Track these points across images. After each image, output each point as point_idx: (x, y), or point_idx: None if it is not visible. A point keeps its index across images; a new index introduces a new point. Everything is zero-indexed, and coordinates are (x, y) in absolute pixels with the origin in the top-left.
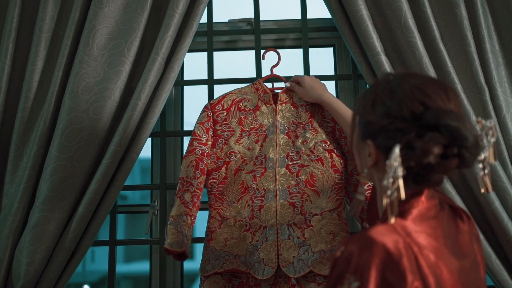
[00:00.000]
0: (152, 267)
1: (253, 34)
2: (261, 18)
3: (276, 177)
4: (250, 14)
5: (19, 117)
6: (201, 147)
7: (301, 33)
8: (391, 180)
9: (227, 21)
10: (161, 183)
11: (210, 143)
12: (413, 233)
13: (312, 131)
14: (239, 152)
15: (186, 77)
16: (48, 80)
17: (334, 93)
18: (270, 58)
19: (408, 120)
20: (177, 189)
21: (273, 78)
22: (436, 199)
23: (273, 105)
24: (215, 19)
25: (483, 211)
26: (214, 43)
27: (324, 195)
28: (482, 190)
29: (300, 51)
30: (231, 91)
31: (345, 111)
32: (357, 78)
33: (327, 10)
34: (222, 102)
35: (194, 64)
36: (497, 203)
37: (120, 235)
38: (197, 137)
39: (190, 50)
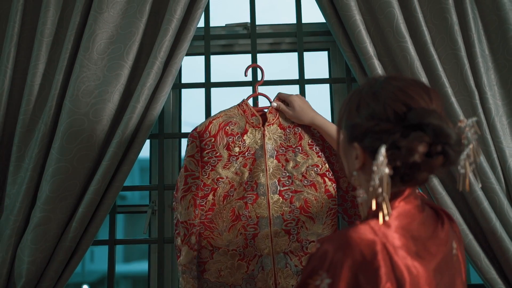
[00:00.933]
0: (151, 266)
1: (250, 38)
2: (257, 23)
3: (269, 204)
4: (247, 19)
5: (21, 120)
6: (196, 181)
7: (296, 38)
8: (377, 180)
9: (224, 25)
10: (159, 183)
11: None
12: (390, 234)
13: (303, 155)
14: (227, 177)
15: (184, 80)
16: (49, 83)
17: (328, 96)
18: (264, 64)
19: (392, 121)
20: (182, 234)
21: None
22: (418, 200)
23: (262, 127)
24: (212, 24)
25: (472, 211)
26: (211, 47)
27: (320, 221)
28: (460, 188)
29: (295, 55)
30: (217, 115)
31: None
32: (350, 81)
33: (322, 15)
34: (209, 128)
35: (191, 67)
36: (485, 204)
37: (119, 235)
38: (190, 172)
39: (187, 54)
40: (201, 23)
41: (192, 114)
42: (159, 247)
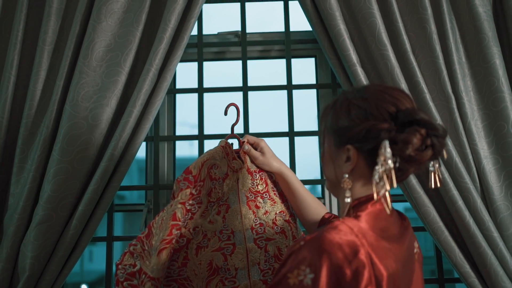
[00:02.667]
0: None
1: (240, 45)
2: (248, 31)
3: (247, 253)
4: (238, 27)
5: (24, 123)
6: (178, 233)
7: (284, 45)
8: (381, 172)
9: (216, 33)
10: (154, 183)
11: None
12: (368, 233)
13: (271, 201)
14: (201, 226)
15: (178, 85)
16: (51, 89)
17: (315, 101)
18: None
19: (387, 120)
20: None
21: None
22: None
23: (238, 171)
24: (205, 32)
25: (448, 210)
26: (204, 54)
27: None
28: (433, 186)
29: (284, 61)
30: (205, 156)
31: (300, 185)
32: (335, 87)
33: (309, 24)
34: (200, 173)
35: (185, 73)
36: (460, 202)
37: (118, 233)
38: (177, 223)
39: (181, 60)
40: (195, 31)
41: (186, 118)
42: None
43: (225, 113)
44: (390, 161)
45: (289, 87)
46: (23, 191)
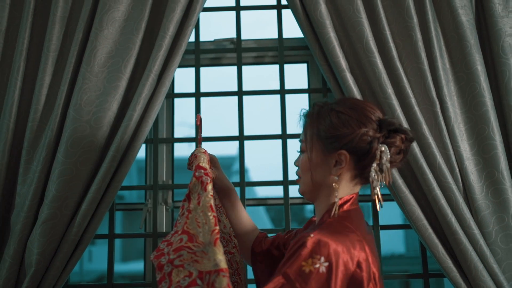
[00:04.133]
0: (146, 260)
1: (236, 52)
2: (243, 38)
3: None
4: (233, 34)
5: (30, 126)
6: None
7: (278, 51)
8: (375, 173)
9: (213, 40)
10: (153, 183)
11: None
12: (360, 229)
13: (224, 215)
14: None
15: (177, 90)
16: (55, 94)
17: (307, 105)
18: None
19: (375, 127)
20: None
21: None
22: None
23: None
24: (202, 39)
25: (431, 208)
26: (201, 60)
27: None
28: (387, 183)
29: (277, 67)
30: (203, 156)
31: (241, 204)
32: (326, 91)
33: (301, 31)
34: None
35: (183, 78)
36: (443, 201)
37: (117, 230)
38: (215, 214)
39: (179, 66)
40: (192, 38)
41: (184, 121)
42: (154, 241)
43: (197, 123)
44: (388, 162)
45: (282, 91)
46: (29, 191)
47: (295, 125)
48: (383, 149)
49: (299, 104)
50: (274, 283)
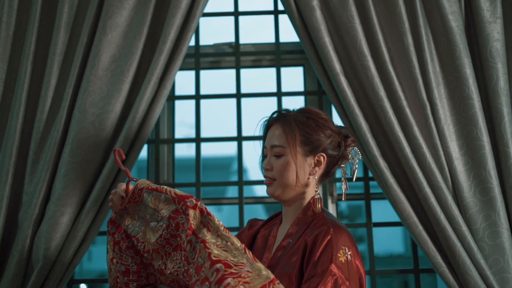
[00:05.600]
0: None
1: (234, 56)
2: (241, 42)
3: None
4: (232, 38)
5: (36, 127)
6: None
7: (275, 55)
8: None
9: (212, 44)
10: (155, 183)
11: None
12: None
13: None
14: None
15: (177, 92)
16: (60, 96)
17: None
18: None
19: (337, 132)
20: None
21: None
22: None
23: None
24: (201, 43)
25: (422, 206)
26: (200, 63)
27: None
28: (354, 179)
29: (274, 70)
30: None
31: None
32: (321, 94)
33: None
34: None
35: (184, 81)
36: (432, 199)
37: None
38: None
39: (180, 69)
40: (192, 42)
41: (184, 123)
42: None
43: (116, 159)
44: (357, 162)
45: (279, 94)
46: (36, 189)
47: None
48: (358, 151)
49: (295, 106)
50: (325, 280)
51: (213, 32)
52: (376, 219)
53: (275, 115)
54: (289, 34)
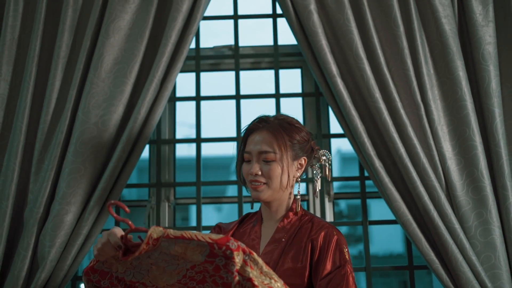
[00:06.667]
0: None
1: (234, 58)
2: (240, 44)
3: None
4: (232, 41)
5: (41, 128)
6: None
7: (273, 58)
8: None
9: (212, 47)
10: (157, 182)
11: None
12: None
13: None
14: None
15: (178, 94)
16: (64, 98)
17: (301, 108)
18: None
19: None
20: None
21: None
22: None
23: None
24: (202, 45)
25: (416, 204)
26: (201, 65)
27: None
28: (329, 178)
29: (272, 72)
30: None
31: None
32: (318, 95)
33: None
34: None
35: (184, 83)
36: (426, 198)
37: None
38: None
39: (181, 71)
40: (193, 45)
41: (185, 124)
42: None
43: (108, 210)
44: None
45: (278, 95)
46: (41, 188)
47: None
48: (324, 153)
49: (293, 107)
50: (342, 274)
51: (213, 35)
52: (376, 218)
53: (258, 122)
54: (287, 37)
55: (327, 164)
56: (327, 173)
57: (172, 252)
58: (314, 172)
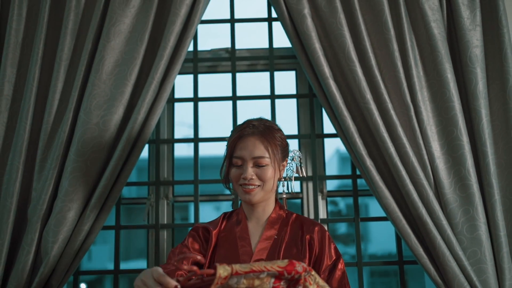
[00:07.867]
0: (149, 255)
1: (230, 60)
2: (237, 47)
3: None
4: (228, 44)
5: (44, 128)
6: None
7: (268, 60)
8: (291, 170)
9: (209, 49)
10: (156, 180)
11: None
12: None
13: None
14: None
15: (177, 95)
16: (67, 99)
17: (295, 109)
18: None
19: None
20: None
21: None
22: None
23: None
24: (199, 48)
25: (405, 201)
26: (198, 68)
27: None
28: (304, 175)
29: (268, 74)
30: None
31: None
32: (312, 97)
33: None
34: None
35: (182, 84)
36: (415, 195)
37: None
38: None
39: (179, 73)
40: (191, 48)
41: (183, 124)
42: (156, 232)
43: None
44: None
45: (273, 96)
46: (44, 186)
47: (284, 127)
48: (295, 152)
49: (288, 108)
50: (339, 266)
51: (210, 38)
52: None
53: (246, 127)
54: (282, 40)
55: (299, 162)
56: (299, 170)
57: (240, 286)
58: (289, 171)
